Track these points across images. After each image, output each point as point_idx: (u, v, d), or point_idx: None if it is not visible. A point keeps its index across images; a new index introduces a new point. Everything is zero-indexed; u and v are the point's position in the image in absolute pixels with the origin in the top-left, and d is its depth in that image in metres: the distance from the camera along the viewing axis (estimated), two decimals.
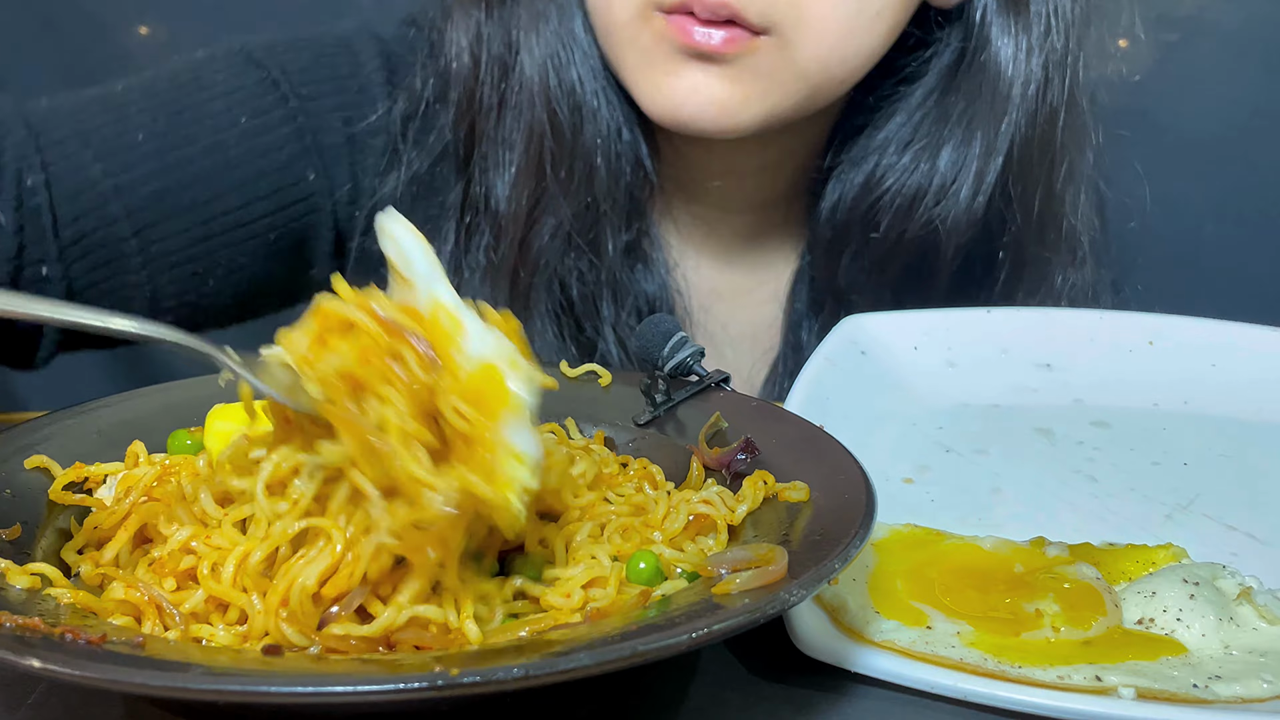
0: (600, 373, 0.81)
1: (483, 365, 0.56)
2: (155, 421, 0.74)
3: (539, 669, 0.48)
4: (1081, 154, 1.13)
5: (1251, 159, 1.63)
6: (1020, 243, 1.12)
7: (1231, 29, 1.63)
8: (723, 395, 0.78)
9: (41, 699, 0.58)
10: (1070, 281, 1.14)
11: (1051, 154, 1.09)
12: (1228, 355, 0.95)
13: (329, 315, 0.57)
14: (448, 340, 0.57)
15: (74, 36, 1.62)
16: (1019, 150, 1.07)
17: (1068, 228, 1.13)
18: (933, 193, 1.07)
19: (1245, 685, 0.60)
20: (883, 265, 1.12)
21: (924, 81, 1.09)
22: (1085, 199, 1.14)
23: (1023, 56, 1.05)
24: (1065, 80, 1.07)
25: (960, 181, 1.07)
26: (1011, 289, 1.14)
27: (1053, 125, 1.08)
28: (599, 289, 1.11)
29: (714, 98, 0.99)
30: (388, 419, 0.55)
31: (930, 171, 1.08)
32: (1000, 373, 0.95)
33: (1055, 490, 0.82)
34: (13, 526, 0.63)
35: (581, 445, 0.74)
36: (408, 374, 0.55)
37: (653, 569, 0.61)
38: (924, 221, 1.08)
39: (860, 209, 1.10)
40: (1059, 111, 1.08)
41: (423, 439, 0.55)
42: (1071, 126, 1.10)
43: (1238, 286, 1.61)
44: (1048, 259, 1.13)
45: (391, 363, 0.56)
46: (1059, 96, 1.07)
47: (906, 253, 1.11)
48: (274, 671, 0.51)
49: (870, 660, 0.60)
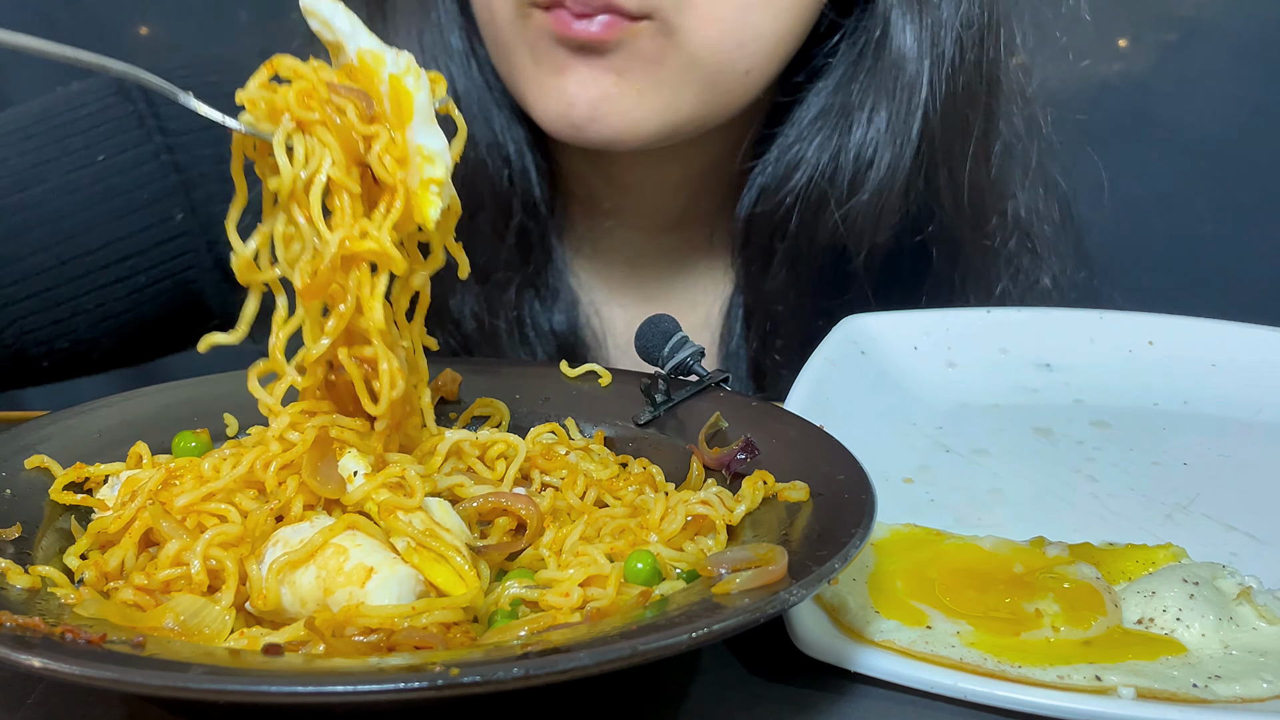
0: (600, 373, 0.81)
1: (391, 79, 0.65)
2: (156, 422, 0.74)
3: (539, 669, 0.48)
4: (1021, 141, 1.08)
5: (1251, 159, 1.63)
6: (952, 234, 1.07)
7: (1231, 29, 1.63)
8: (723, 395, 0.78)
9: (41, 699, 0.58)
10: (1027, 274, 1.10)
11: (973, 137, 1.04)
12: (1228, 355, 0.95)
13: (276, 65, 0.66)
14: (373, 75, 0.66)
15: (74, 37, 1.62)
16: (938, 133, 1.01)
17: (1013, 216, 1.09)
18: (846, 183, 1.02)
19: (1245, 685, 0.60)
20: (806, 266, 1.07)
21: (833, 72, 1.03)
22: (1033, 190, 1.10)
23: (927, 35, 0.99)
24: (983, 60, 1.02)
25: (874, 167, 1.01)
26: (950, 282, 1.09)
27: (971, 107, 1.02)
28: (495, 329, 1.06)
29: (604, 93, 0.94)
30: (321, 161, 0.64)
31: (840, 161, 1.02)
32: (1000, 373, 0.95)
33: (1055, 490, 0.82)
34: (13, 526, 0.63)
35: (581, 445, 0.74)
36: (344, 122, 0.64)
37: (650, 569, 0.61)
38: (841, 216, 1.02)
39: (775, 208, 1.04)
40: (977, 93, 1.02)
41: (349, 189, 0.64)
42: (997, 110, 1.05)
43: (1237, 286, 1.61)
44: (987, 247, 1.09)
45: (332, 113, 0.64)
46: (975, 76, 1.01)
47: (825, 252, 1.06)
48: (274, 671, 0.51)
49: (870, 660, 0.60)
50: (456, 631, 0.56)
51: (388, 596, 0.57)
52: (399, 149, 0.65)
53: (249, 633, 0.58)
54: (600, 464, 0.72)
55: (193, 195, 1.05)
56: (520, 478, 0.70)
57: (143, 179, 1.03)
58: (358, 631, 0.55)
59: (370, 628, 0.55)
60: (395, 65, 0.66)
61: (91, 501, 0.67)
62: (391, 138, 0.65)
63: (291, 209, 0.65)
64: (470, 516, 0.65)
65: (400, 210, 0.65)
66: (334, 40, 0.68)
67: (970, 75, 1.01)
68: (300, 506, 0.62)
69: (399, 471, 0.63)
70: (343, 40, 0.67)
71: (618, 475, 0.72)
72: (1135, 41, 1.62)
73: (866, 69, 1.00)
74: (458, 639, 0.55)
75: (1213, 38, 1.63)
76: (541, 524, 0.65)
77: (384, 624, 0.55)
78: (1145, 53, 1.63)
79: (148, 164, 1.03)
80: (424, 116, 0.65)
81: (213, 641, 0.56)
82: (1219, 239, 1.68)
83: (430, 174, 0.65)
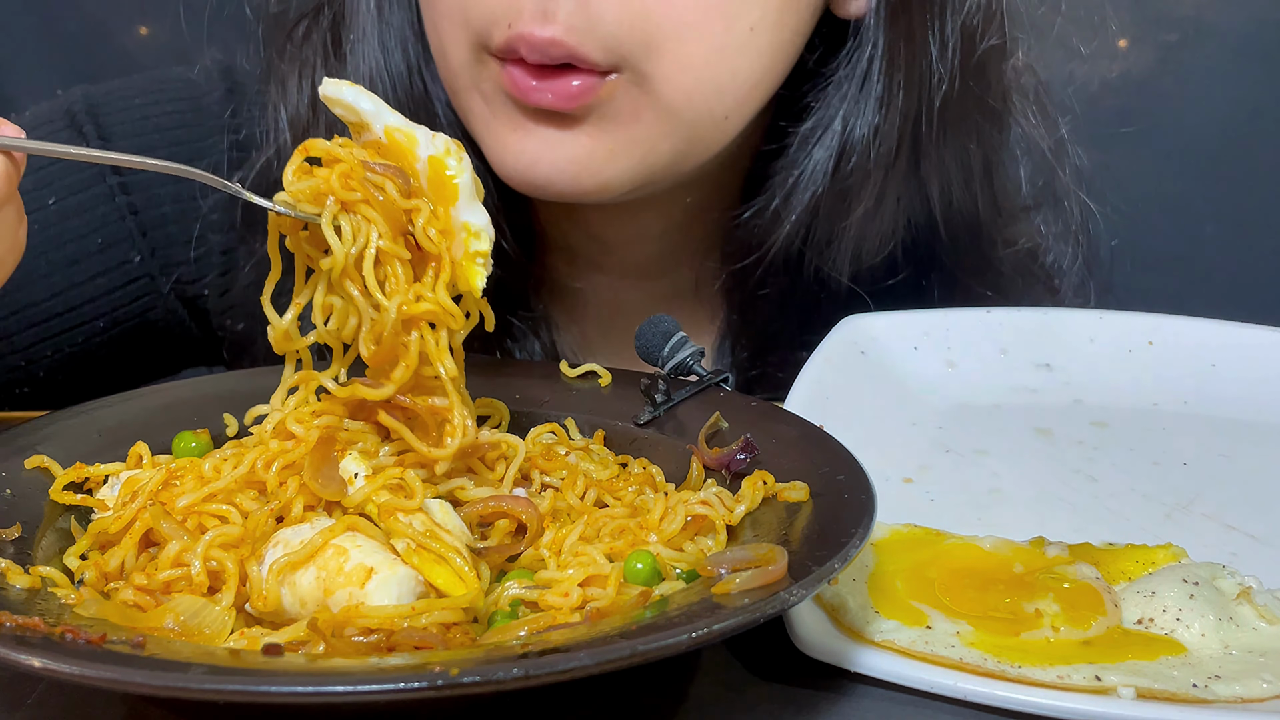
0: (600, 373, 0.81)
1: (431, 160, 0.68)
2: (156, 422, 0.74)
3: (539, 669, 0.48)
4: (1024, 165, 1.05)
5: (1251, 159, 1.63)
6: (946, 258, 1.04)
7: (1231, 29, 1.63)
8: (723, 395, 0.78)
9: (41, 699, 0.58)
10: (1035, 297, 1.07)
11: (972, 170, 0.99)
12: (1228, 355, 0.94)
13: (310, 148, 0.67)
14: (406, 153, 0.68)
15: (74, 36, 1.62)
16: (934, 168, 0.97)
17: (1018, 244, 1.06)
18: (833, 226, 0.96)
19: (1245, 685, 0.60)
20: (796, 300, 1.01)
21: (815, 114, 0.94)
22: (1046, 217, 1.08)
23: (913, 78, 0.92)
24: (981, 92, 0.96)
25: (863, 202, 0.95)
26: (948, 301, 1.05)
27: (966, 137, 0.97)
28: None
29: (572, 156, 0.84)
30: (369, 236, 0.66)
31: (824, 208, 0.95)
32: (1000, 373, 0.95)
33: (1055, 490, 0.82)
34: (13, 526, 0.63)
35: (581, 445, 0.74)
36: (386, 198, 0.66)
37: (650, 569, 0.61)
38: (828, 256, 0.97)
39: (764, 256, 0.97)
40: (972, 128, 0.98)
41: (399, 255, 0.67)
42: (997, 141, 1.01)
43: (1237, 286, 1.61)
44: (987, 269, 1.06)
45: (373, 190, 0.66)
46: (972, 110, 0.96)
47: (815, 285, 1.00)
48: (274, 671, 0.51)
49: (870, 660, 0.60)
50: (456, 632, 0.56)
51: (387, 597, 0.57)
52: (440, 221, 0.68)
53: (249, 633, 0.58)
54: (600, 464, 0.72)
55: (151, 237, 1.01)
56: (520, 478, 0.70)
57: (96, 222, 0.99)
58: (357, 632, 0.55)
59: (370, 628, 0.55)
60: (432, 146, 0.68)
61: (91, 501, 0.67)
62: (432, 211, 0.67)
63: (344, 284, 0.67)
64: (471, 520, 0.65)
65: (448, 275, 0.68)
66: (358, 121, 0.69)
67: (967, 110, 0.97)
68: (300, 508, 0.63)
69: (399, 473, 0.63)
70: (368, 120, 0.69)
71: (618, 475, 0.72)
72: (1135, 41, 1.62)
73: (850, 104, 0.93)
74: (457, 639, 0.55)
75: (1213, 38, 1.63)
76: (541, 526, 0.65)
77: (384, 624, 0.55)
78: (1145, 53, 1.63)
79: (102, 206, 0.99)
80: (467, 196, 0.68)
81: (213, 642, 0.56)
82: (1219, 239, 1.68)
83: (476, 247, 0.68)
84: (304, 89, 0.96)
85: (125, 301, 1.02)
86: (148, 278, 1.02)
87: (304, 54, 0.97)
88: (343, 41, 0.96)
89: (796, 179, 0.95)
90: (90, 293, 1.00)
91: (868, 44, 0.92)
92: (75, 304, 1.00)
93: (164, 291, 1.03)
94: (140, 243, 1.01)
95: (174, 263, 1.02)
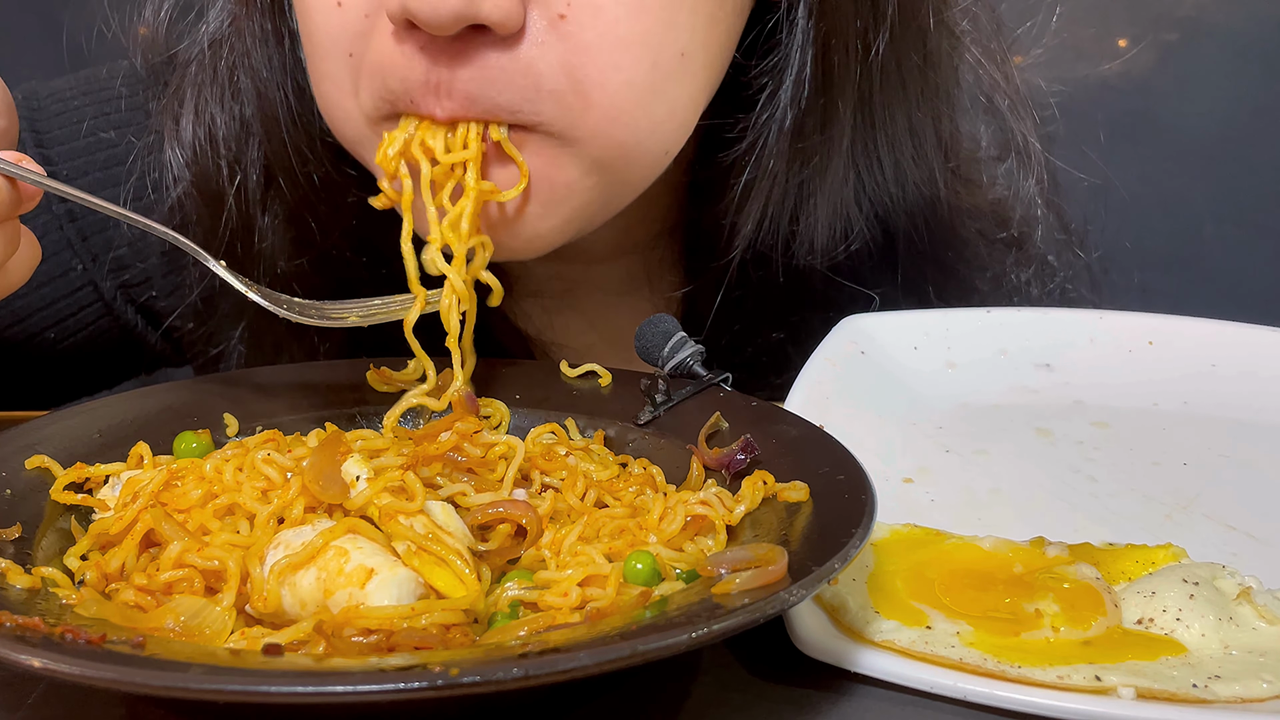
0: (600, 373, 0.81)
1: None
2: (156, 422, 0.74)
3: (539, 669, 0.48)
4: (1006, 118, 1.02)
5: (1251, 159, 1.63)
6: (915, 240, 1.01)
7: (1231, 29, 1.63)
8: (723, 395, 0.78)
9: (41, 699, 0.58)
10: (1015, 285, 1.06)
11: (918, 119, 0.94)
12: (1228, 355, 0.94)
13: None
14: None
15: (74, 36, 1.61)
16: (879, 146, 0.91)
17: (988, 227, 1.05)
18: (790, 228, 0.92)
19: (1245, 685, 0.60)
20: (758, 292, 0.98)
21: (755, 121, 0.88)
22: (1022, 178, 1.05)
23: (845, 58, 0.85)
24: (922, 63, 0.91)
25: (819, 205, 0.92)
26: (923, 290, 1.04)
27: (908, 80, 0.90)
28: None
29: (492, 223, 0.78)
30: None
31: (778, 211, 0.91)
32: (1000, 373, 0.95)
33: (1055, 490, 0.82)
34: (13, 526, 0.63)
35: (581, 445, 0.74)
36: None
37: (650, 569, 0.61)
38: (790, 256, 0.94)
39: (734, 230, 0.93)
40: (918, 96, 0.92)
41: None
42: (941, 79, 0.94)
43: (1237, 286, 1.61)
44: (956, 255, 1.04)
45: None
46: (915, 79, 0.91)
47: (782, 277, 0.97)
48: (274, 671, 0.51)
49: (870, 660, 0.60)
50: (456, 632, 0.56)
51: (387, 597, 0.57)
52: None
53: (249, 633, 0.58)
54: (600, 464, 0.72)
55: (91, 242, 0.98)
56: (520, 478, 0.70)
57: (36, 232, 0.90)
58: (357, 632, 0.55)
59: (370, 628, 0.55)
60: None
61: (92, 501, 0.67)
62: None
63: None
64: (471, 526, 0.65)
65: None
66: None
67: (908, 60, 0.90)
68: (302, 509, 0.63)
69: (400, 475, 0.63)
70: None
71: (618, 476, 0.72)
72: (1135, 41, 1.62)
73: (789, 74, 0.86)
74: (457, 640, 0.55)
75: (1213, 38, 1.63)
76: (541, 529, 0.65)
77: (384, 625, 0.55)
78: (1145, 53, 1.63)
79: (41, 216, 0.95)
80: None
81: (213, 642, 0.56)
82: (1219, 239, 1.68)
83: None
84: (200, 126, 0.93)
85: (72, 311, 1.00)
86: (91, 285, 1.00)
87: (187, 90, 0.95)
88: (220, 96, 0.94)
89: (749, 161, 0.89)
90: (35, 304, 0.98)
91: (798, 11, 0.85)
92: (22, 316, 0.98)
93: (110, 299, 1.01)
94: (80, 248, 0.98)
95: (118, 267, 1.00)
